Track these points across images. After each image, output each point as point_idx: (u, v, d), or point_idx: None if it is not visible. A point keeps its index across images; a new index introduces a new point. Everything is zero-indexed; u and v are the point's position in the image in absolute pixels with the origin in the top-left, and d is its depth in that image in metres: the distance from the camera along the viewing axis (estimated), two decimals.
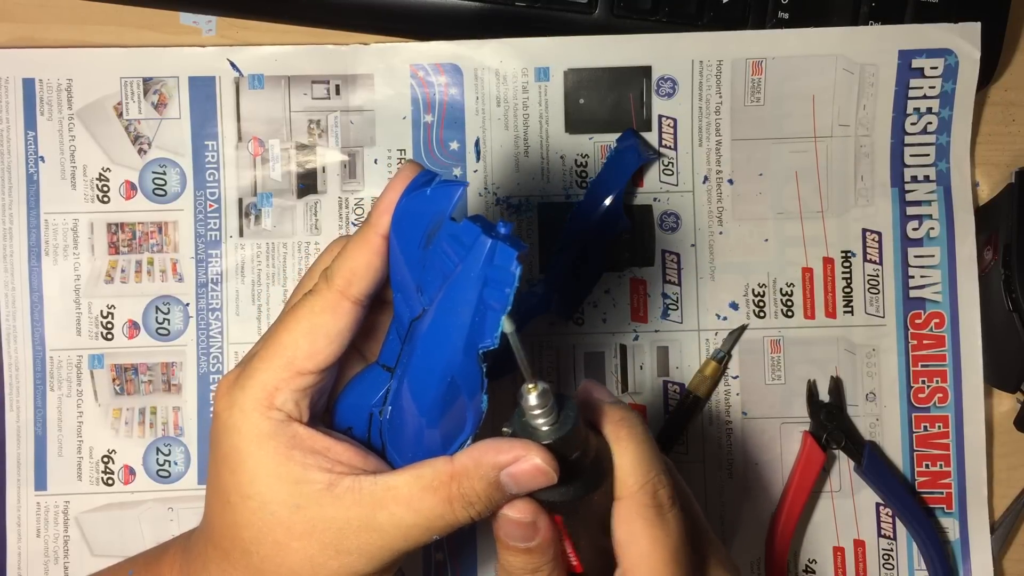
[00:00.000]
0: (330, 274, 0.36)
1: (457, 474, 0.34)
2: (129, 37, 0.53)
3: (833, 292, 0.53)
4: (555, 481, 0.34)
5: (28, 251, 0.52)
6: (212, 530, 0.37)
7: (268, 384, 0.35)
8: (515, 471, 0.34)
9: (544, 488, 0.34)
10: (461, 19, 0.52)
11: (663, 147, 0.53)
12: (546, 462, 0.33)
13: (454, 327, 0.34)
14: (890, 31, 0.52)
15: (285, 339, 0.36)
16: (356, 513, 0.35)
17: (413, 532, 0.35)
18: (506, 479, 0.34)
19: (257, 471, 0.35)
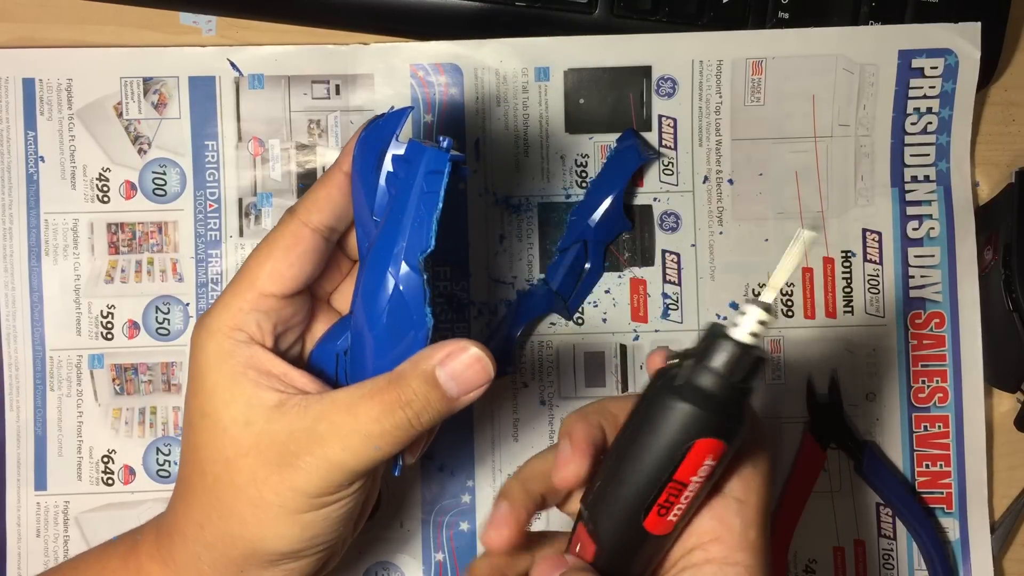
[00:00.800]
0: (294, 207, 0.39)
1: (395, 378, 0.35)
2: (129, 37, 0.53)
3: (833, 292, 0.53)
4: (491, 374, 0.34)
5: (28, 251, 0.52)
6: (180, 463, 0.39)
7: (233, 307, 0.37)
8: (450, 365, 0.34)
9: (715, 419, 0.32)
10: (461, 19, 0.52)
11: (663, 147, 0.53)
12: (482, 352, 0.34)
13: (396, 238, 0.35)
14: (890, 31, 0.52)
15: (251, 265, 0.38)
16: (299, 426, 0.35)
17: (352, 441, 0.35)
18: (443, 376, 0.35)
19: (215, 389, 0.36)
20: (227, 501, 0.36)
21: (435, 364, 0.35)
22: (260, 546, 0.37)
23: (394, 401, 0.35)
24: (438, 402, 0.35)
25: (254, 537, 0.36)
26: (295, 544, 0.37)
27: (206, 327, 0.37)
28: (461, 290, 0.53)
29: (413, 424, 0.35)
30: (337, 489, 0.36)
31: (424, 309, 0.35)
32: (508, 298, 0.53)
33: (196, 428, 0.37)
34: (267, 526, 0.36)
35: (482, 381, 0.35)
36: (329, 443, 0.35)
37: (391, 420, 0.35)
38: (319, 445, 0.35)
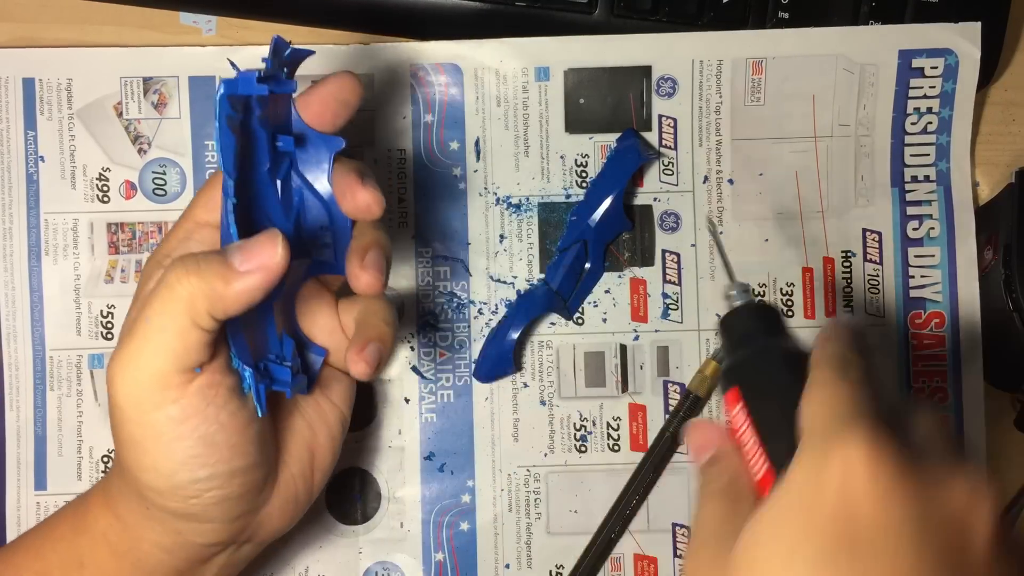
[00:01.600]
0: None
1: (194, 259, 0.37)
2: (129, 37, 0.53)
3: (833, 292, 0.53)
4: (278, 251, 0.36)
5: (28, 251, 0.52)
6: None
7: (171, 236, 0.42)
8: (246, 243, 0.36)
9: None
10: (461, 19, 0.52)
11: (663, 147, 0.53)
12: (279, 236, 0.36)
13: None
14: (890, 31, 0.52)
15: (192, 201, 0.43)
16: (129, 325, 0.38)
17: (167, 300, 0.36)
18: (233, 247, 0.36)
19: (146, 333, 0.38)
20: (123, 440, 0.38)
21: (236, 242, 0.36)
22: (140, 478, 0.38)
23: (199, 263, 0.36)
24: (222, 267, 0.36)
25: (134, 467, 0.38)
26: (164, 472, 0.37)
27: (153, 254, 0.41)
28: (461, 290, 0.53)
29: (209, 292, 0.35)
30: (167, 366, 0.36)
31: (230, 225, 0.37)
32: (508, 298, 0.53)
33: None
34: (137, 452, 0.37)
35: (267, 256, 0.36)
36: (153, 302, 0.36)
37: (195, 279, 0.35)
38: (146, 306, 0.36)
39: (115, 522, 0.40)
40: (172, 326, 0.36)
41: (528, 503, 0.53)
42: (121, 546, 0.40)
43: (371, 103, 0.53)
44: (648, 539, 0.53)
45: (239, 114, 0.37)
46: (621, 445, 0.53)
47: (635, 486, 0.52)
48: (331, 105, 0.41)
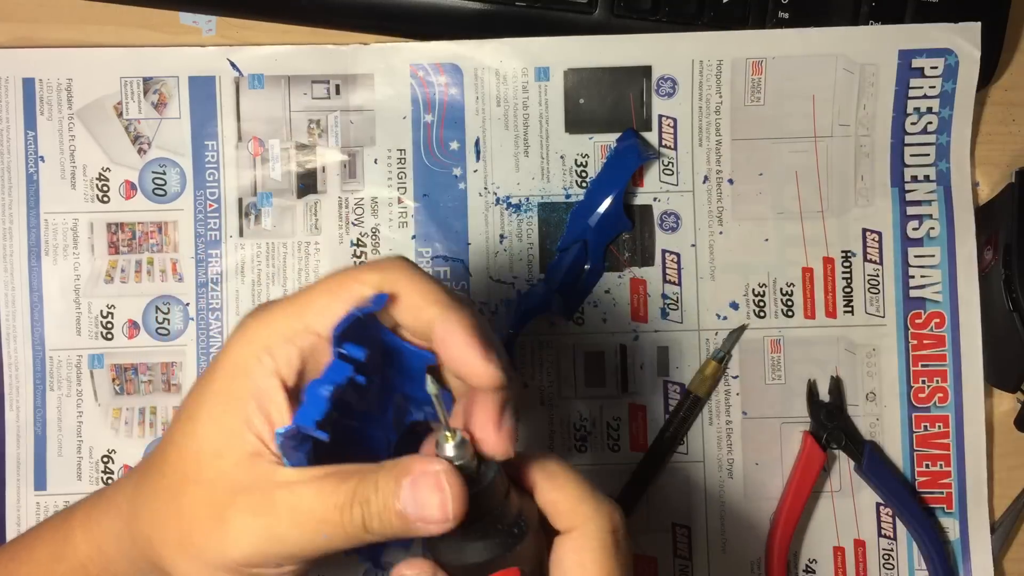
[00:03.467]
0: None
1: (367, 470, 0.33)
2: (129, 37, 0.53)
3: (833, 292, 0.53)
4: (449, 518, 0.31)
5: (28, 251, 0.52)
6: (161, 439, 0.37)
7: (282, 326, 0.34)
8: (418, 481, 0.32)
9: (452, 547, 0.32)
10: (461, 19, 0.52)
11: (663, 147, 0.53)
12: (451, 484, 0.31)
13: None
14: (890, 31, 0.52)
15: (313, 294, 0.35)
16: (261, 485, 0.33)
17: (303, 517, 0.32)
18: (406, 490, 0.32)
19: (214, 398, 0.34)
20: (163, 512, 0.34)
21: (408, 477, 0.32)
22: (164, 569, 0.35)
23: (358, 495, 0.32)
24: (392, 515, 0.32)
25: (167, 564, 0.34)
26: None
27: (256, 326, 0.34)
28: (461, 290, 0.53)
29: (366, 526, 0.32)
30: (264, 564, 0.33)
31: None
32: (508, 298, 0.53)
33: (181, 422, 0.35)
34: (181, 564, 0.34)
35: (440, 520, 0.32)
36: (280, 513, 0.32)
37: (347, 513, 0.32)
38: (269, 513, 0.33)
39: (97, 556, 0.38)
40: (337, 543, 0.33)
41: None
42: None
43: (371, 103, 0.53)
44: (648, 539, 0.53)
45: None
46: (621, 445, 0.53)
47: (635, 486, 0.52)
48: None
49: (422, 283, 0.34)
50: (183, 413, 0.35)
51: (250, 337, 0.34)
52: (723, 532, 0.53)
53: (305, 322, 0.34)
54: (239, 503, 0.33)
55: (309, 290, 0.35)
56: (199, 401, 0.35)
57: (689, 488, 0.53)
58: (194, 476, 0.34)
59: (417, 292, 0.34)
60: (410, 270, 0.34)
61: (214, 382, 0.35)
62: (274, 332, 0.34)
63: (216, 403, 0.34)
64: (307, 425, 0.32)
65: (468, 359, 0.33)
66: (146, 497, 0.36)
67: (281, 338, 0.34)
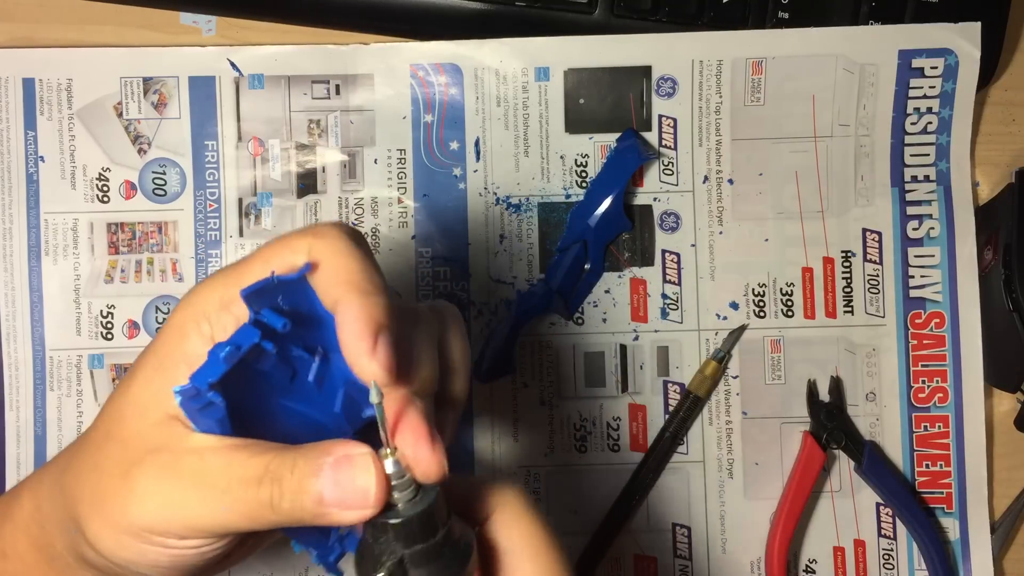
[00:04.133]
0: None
1: (291, 449, 0.31)
2: (129, 37, 0.53)
3: (833, 292, 0.53)
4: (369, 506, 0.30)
5: (28, 251, 0.52)
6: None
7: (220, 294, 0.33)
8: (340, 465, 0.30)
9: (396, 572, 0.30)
10: (461, 19, 0.52)
11: (663, 147, 0.53)
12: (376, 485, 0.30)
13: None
14: (890, 31, 0.52)
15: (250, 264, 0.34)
16: (172, 446, 0.32)
17: (207, 489, 0.31)
18: (326, 473, 0.30)
19: (152, 357, 0.33)
20: (85, 467, 0.34)
21: (329, 459, 0.30)
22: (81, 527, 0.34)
23: (272, 472, 0.31)
24: (306, 496, 0.30)
25: (81, 521, 0.33)
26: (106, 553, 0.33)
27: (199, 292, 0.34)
28: (461, 290, 0.53)
29: (273, 504, 0.31)
30: (164, 533, 0.32)
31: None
32: (508, 298, 0.53)
33: (122, 382, 0.34)
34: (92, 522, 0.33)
35: (359, 507, 0.30)
36: (184, 480, 0.31)
37: (254, 489, 0.31)
38: (173, 476, 0.31)
39: (36, 513, 0.36)
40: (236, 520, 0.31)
41: None
42: (40, 539, 0.37)
43: (371, 103, 0.53)
44: (648, 539, 0.53)
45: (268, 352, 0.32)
46: (621, 445, 0.53)
47: (635, 486, 0.52)
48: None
49: (343, 257, 0.32)
50: (126, 374, 0.35)
51: (192, 301, 0.33)
52: (723, 532, 0.53)
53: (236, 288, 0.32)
54: (147, 462, 0.32)
55: (249, 258, 0.34)
56: (139, 362, 0.34)
57: (689, 488, 0.53)
58: (116, 433, 0.33)
59: (334, 266, 0.32)
60: (341, 239, 0.32)
61: (156, 344, 0.34)
62: (214, 299, 0.33)
63: (151, 364, 0.33)
64: (200, 385, 0.30)
65: (353, 352, 0.31)
66: (76, 451, 0.35)
67: (218, 304, 0.33)
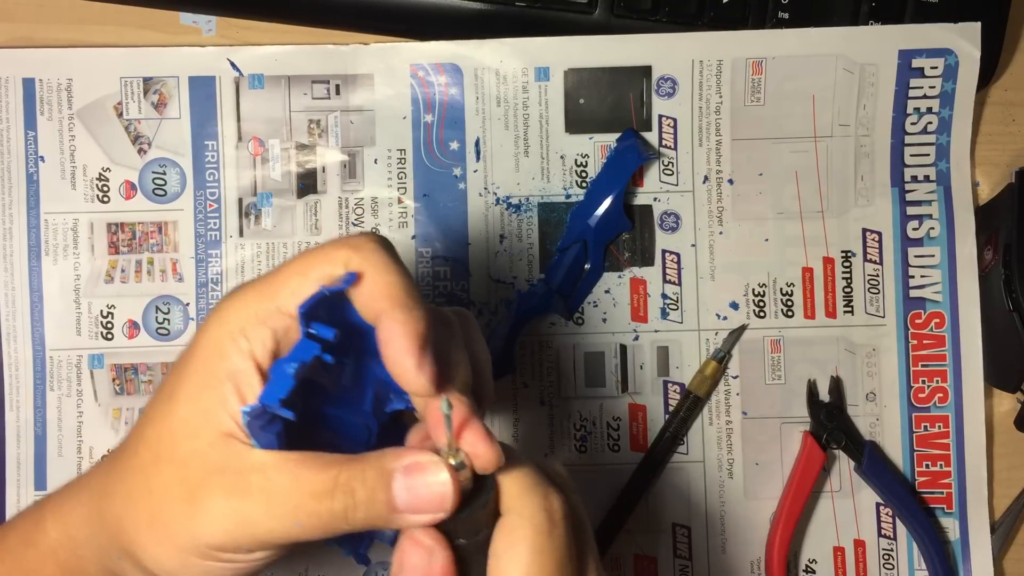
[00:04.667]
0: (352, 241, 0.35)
1: (354, 459, 0.32)
2: (129, 37, 0.53)
3: (833, 292, 0.53)
4: (447, 508, 0.31)
5: (28, 251, 0.52)
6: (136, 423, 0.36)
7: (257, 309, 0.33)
8: (414, 477, 0.31)
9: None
10: (461, 19, 0.52)
11: (663, 147, 0.53)
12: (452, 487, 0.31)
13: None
14: (890, 31, 0.52)
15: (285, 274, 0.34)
16: (235, 466, 0.32)
17: (279, 506, 0.31)
18: (400, 483, 0.31)
19: (190, 378, 0.33)
20: (135, 492, 0.34)
21: (398, 466, 0.32)
22: (134, 552, 0.34)
23: (342, 485, 0.31)
24: (381, 505, 0.31)
25: (136, 546, 0.33)
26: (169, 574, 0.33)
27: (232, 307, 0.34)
28: (461, 290, 0.53)
29: (347, 516, 0.32)
30: (234, 550, 0.32)
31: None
32: (508, 298, 0.53)
33: (160, 401, 0.34)
34: (150, 546, 0.33)
35: (435, 510, 0.31)
36: (254, 498, 0.32)
37: (328, 502, 0.31)
38: (242, 496, 0.32)
39: (66, 541, 0.36)
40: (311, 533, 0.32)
41: None
42: (70, 564, 0.37)
43: (371, 103, 0.53)
44: (648, 539, 0.53)
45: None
46: (621, 445, 0.53)
47: (635, 486, 0.52)
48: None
49: (384, 271, 0.33)
50: (161, 393, 0.34)
51: (226, 318, 0.34)
52: (723, 532, 0.53)
53: (277, 303, 0.33)
54: (212, 483, 0.32)
55: (281, 270, 0.34)
56: (177, 381, 0.34)
57: (689, 488, 0.53)
58: (168, 455, 0.33)
59: (375, 280, 0.32)
60: (378, 251, 0.33)
61: (192, 362, 0.34)
62: (248, 314, 0.33)
63: (194, 383, 0.33)
64: (272, 403, 0.31)
65: (400, 366, 0.32)
66: (119, 476, 0.35)
67: (255, 320, 0.33)
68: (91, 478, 0.37)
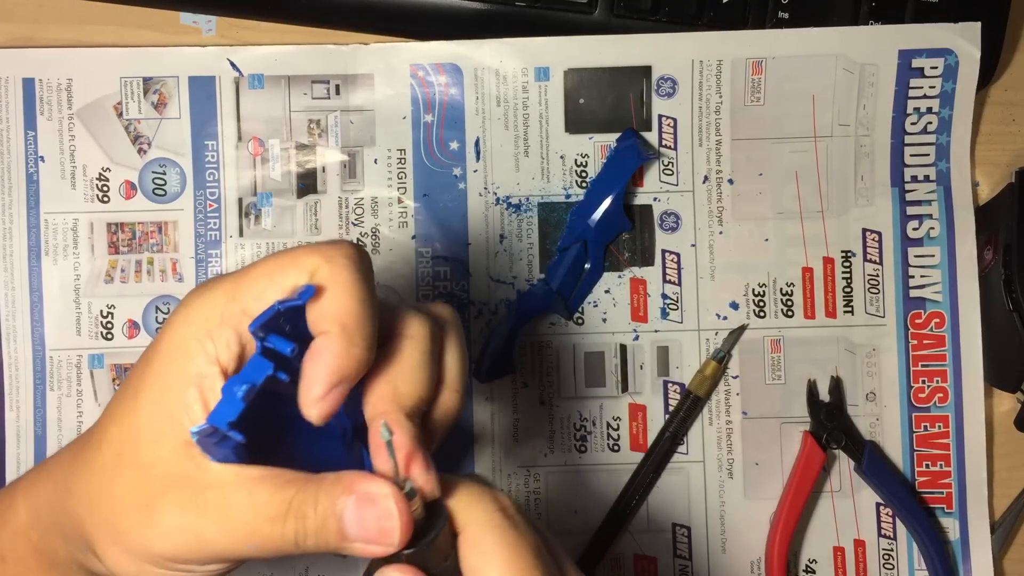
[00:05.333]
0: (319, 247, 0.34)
1: (310, 481, 0.31)
2: (129, 37, 0.53)
3: (833, 292, 0.53)
4: (393, 544, 0.30)
5: (28, 251, 0.52)
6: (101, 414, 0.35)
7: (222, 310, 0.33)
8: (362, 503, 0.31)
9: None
10: (461, 19, 0.52)
11: (663, 147, 0.53)
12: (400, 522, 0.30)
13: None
14: (890, 31, 0.52)
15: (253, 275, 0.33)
16: (193, 479, 0.32)
17: (234, 527, 0.31)
18: (350, 509, 0.31)
19: (155, 379, 0.33)
20: (96, 492, 0.33)
21: (349, 497, 0.31)
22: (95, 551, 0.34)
23: (295, 508, 0.31)
24: (331, 534, 0.31)
25: (95, 546, 0.33)
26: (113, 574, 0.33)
27: (197, 305, 0.33)
28: (461, 290, 0.53)
29: (297, 542, 0.31)
30: (187, 562, 0.32)
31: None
32: (508, 298, 0.53)
33: (125, 399, 0.34)
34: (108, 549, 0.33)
35: (386, 543, 0.31)
36: (209, 515, 0.31)
37: (281, 526, 0.31)
38: (198, 512, 0.31)
39: (36, 523, 0.36)
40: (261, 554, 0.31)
41: (528, 503, 0.53)
42: (41, 545, 0.36)
43: (371, 103, 0.53)
44: (648, 539, 0.53)
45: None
46: (621, 445, 0.53)
47: (635, 486, 0.52)
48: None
49: (344, 292, 0.32)
50: (127, 388, 0.34)
51: (191, 317, 0.33)
52: (723, 532, 0.53)
53: (242, 305, 0.32)
54: (169, 496, 0.32)
55: (249, 271, 0.33)
56: (140, 379, 0.33)
57: (689, 488, 0.53)
58: (130, 458, 0.33)
59: (332, 301, 0.32)
60: (347, 268, 0.32)
61: (156, 361, 0.33)
62: (214, 314, 0.33)
63: (158, 384, 0.33)
64: (221, 426, 0.30)
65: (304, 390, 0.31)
66: (82, 472, 0.34)
67: (219, 321, 0.33)
68: (57, 466, 0.36)
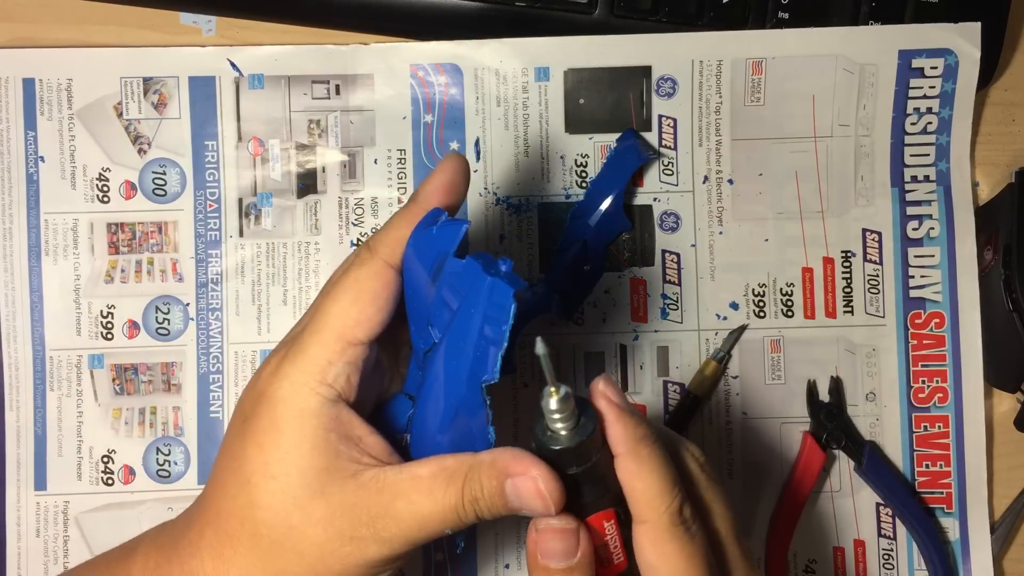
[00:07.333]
0: (373, 244, 0.37)
1: (475, 466, 0.35)
2: (129, 37, 0.53)
3: (833, 292, 0.53)
4: (551, 512, 0.34)
5: (28, 251, 0.52)
6: (215, 513, 0.36)
7: (320, 358, 0.35)
8: (519, 484, 0.34)
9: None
10: (461, 19, 0.52)
11: (663, 147, 0.53)
12: (549, 490, 0.34)
13: (458, 361, 0.35)
14: (890, 31, 0.52)
15: (333, 310, 0.36)
16: (376, 501, 0.35)
17: (428, 523, 0.35)
18: (510, 489, 0.34)
19: (290, 450, 0.35)
20: (283, 565, 0.36)
21: (508, 476, 0.34)
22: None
23: (467, 495, 0.35)
24: (499, 508, 0.35)
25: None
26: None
27: (287, 377, 0.35)
28: None
29: (477, 517, 0.35)
30: (400, 558, 0.36)
31: (488, 429, 0.36)
32: None
33: (257, 488, 0.35)
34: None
35: (539, 511, 0.34)
36: (406, 523, 0.35)
37: (462, 512, 0.35)
38: (396, 523, 0.35)
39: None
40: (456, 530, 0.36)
41: None
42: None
43: (371, 103, 0.53)
44: None
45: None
46: None
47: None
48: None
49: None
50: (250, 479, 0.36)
51: (295, 380, 0.35)
52: None
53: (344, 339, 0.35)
54: (365, 522, 0.35)
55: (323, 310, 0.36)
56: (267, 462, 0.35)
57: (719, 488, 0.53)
58: (304, 523, 0.35)
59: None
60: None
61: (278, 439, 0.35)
62: (316, 366, 0.35)
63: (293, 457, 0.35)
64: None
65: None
66: (249, 561, 0.36)
67: (328, 367, 0.35)
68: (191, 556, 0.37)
